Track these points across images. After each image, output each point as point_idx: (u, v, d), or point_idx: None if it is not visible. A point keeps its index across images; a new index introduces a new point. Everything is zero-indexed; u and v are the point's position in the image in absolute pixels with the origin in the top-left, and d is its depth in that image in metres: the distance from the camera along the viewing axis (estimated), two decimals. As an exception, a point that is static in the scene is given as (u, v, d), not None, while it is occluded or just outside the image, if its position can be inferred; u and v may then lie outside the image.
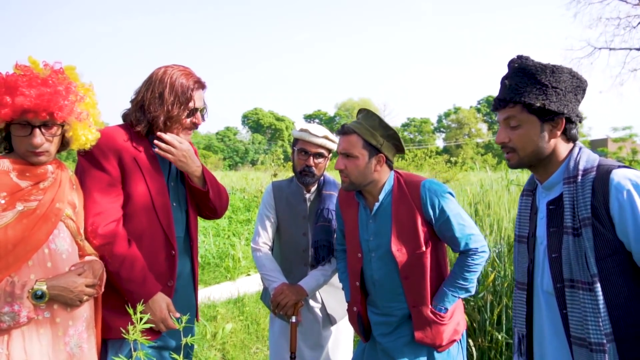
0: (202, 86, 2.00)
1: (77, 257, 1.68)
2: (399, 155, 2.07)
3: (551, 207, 1.51)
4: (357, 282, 2.09)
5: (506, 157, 1.56)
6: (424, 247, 1.94)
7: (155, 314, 1.78)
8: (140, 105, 1.89)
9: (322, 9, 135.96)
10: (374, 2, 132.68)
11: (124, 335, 1.16)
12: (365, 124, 1.95)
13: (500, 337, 3.20)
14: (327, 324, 2.44)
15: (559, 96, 1.43)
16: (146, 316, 1.19)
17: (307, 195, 2.43)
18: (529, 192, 1.65)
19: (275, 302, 2.27)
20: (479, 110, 64.74)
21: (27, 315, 1.48)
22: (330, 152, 2.39)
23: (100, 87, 1.76)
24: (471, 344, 3.19)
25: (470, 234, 1.94)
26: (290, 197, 2.43)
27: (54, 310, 1.56)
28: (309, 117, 75.61)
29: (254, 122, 70.22)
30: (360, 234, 2.07)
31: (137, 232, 1.85)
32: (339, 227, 2.25)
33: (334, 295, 2.44)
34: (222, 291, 5.58)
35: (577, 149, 1.50)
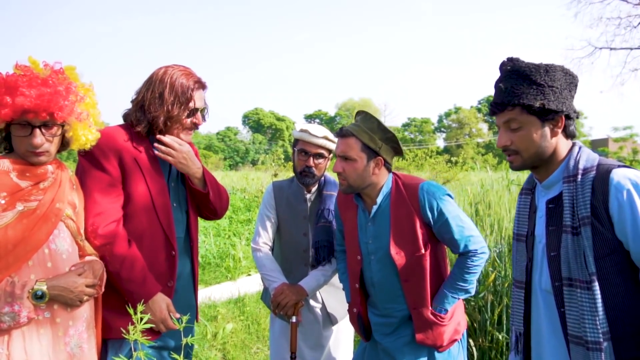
0: (202, 86, 1.99)
1: (77, 257, 1.68)
2: (397, 157, 2.07)
3: (550, 206, 1.51)
4: (357, 284, 2.09)
5: (509, 160, 1.55)
6: (423, 250, 1.93)
7: (155, 314, 1.78)
8: (140, 105, 1.89)
9: (322, 9, 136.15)
10: (374, 2, 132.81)
11: (124, 335, 1.16)
12: (363, 127, 1.94)
13: (500, 337, 3.20)
14: (328, 324, 2.44)
15: (556, 94, 1.44)
16: (146, 316, 1.19)
17: (307, 195, 2.42)
18: (528, 190, 1.65)
19: (275, 302, 2.27)
20: (479, 110, 64.65)
21: (27, 315, 1.48)
22: (330, 152, 2.38)
23: (100, 87, 1.76)
24: (472, 344, 3.19)
25: (469, 235, 1.93)
26: (290, 197, 2.43)
27: (54, 310, 1.56)
28: (309, 117, 75.63)
29: (255, 122, 70.25)
30: (359, 237, 2.06)
31: (138, 232, 1.85)
32: (338, 228, 2.25)
33: (335, 295, 2.44)
34: (223, 291, 5.58)
35: (576, 148, 1.50)
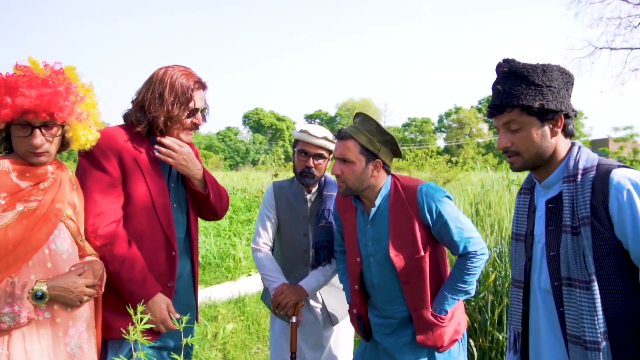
0: (202, 86, 1.99)
1: (77, 258, 1.68)
2: (396, 158, 2.06)
3: (550, 206, 1.51)
4: (356, 286, 2.09)
5: (509, 161, 1.55)
6: (422, 252, 1.93)
7: (155, 314, 1.78)
8: (140, 105, 1.89)
9: (322, 9, 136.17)
10: (374, 2, 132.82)
11: (124, 335, 1.16)
12: (362, 129, 1.93)
13: (501, 337, 3.20)
14: (328, 324, 2.44)
15: (554, 94, 1.44)
16: (146, 317, 1.19)
17: (308, 196, 2.42)
18: (527, 190, 1.65)
19: (275, 302, 2.27)
20: (479, 110, 64.64)
21: (27, 315, 1.48)
22: (330, 153, 2.36)
23: (100, 87, 1.76)
24: (472, 344, 3.19)
25: (469, 237, 1.92)
26: (291, 198, 2.43)
27: (54, 310, 1.56)
28: (309, 117, 75.64)
29: (255, 122, 70.26)
30: (358, 239, 2.06)
31: (138, 232, 1.85)
32: (338, 229, 2.24)
33: (335, 295, 2.44)
34: (223, 291, 5.58)
35: (576, 148, 1.50)
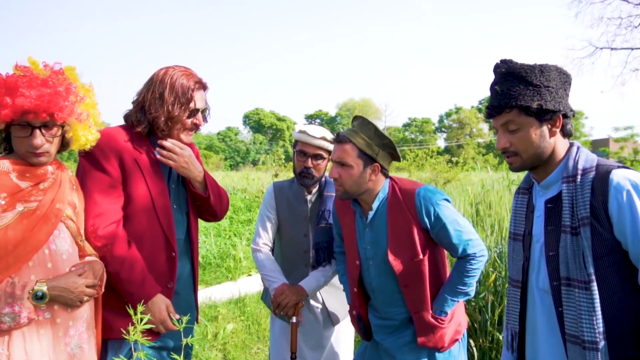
0: (203, 87, 1.98)
1: (78, 258, 1.68)
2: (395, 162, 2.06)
3: (549, 206, 1.51)
4: (355, 288, 2.09)
5: (508, 162, 1.55)
6: (421, 255, 1.92)
7: (154, 315, 1.78)
8: (141, 106, 1.89)
9: (322, 9, 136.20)
10: (374, 2, 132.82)
11: (125, 335, 1.16)
12: (360, 133, 1.92)
13: (501, 338, 3.19)
14: (328, 324, 2.43)
15: (552, 94, 1.44)
16: (146, 317, 1.19)
17: (308, 196, 2.41)
18: (525, 190, 1.65)
19: (275, 302, 2.27)
20: (480, 110, 64.62)
21: (27, 316, 1.48)
22: (329, 153, 2.35)
23: (100, 87, 1.76)
24: (472, 345, 3.19)
25: (468, 239, 1.92)
26: (291, 198, 2.43)
27: (54, 310, 1.56)
28: (310, 117, 75.66)
29: (255, 122, 70.28)
30: (357, 242, 2.05)
31: (138, 233, 1.85)
32: (337, 231, 2.24)
33: (335, 295, 2.44)
34: (223, 291, 5.58)
35: (574, 148, 1.50)
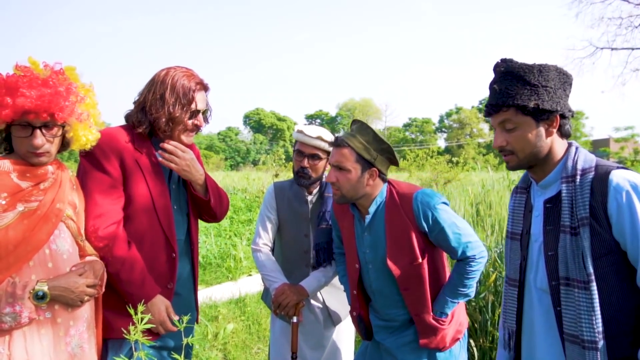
0: (204, 88, 1.98)
1: (78, 258, 1.68)
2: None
3: (548, 206, 1.52)
4: (355, 291, 2.09)
5: (505, 160, 1.56)
6: (420, 259, 1.92)
7: (153, 316, 1.79)
8: (142, 106, 1.89)
9: (322, 9, 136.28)
10: (374, 2, 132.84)
11: (125, 335, 1.16)
12: (359, 137, 1.92)
13: (501, 338, 3.19)
14: (329, 324, 2.43)
15: (550, 94, 1.44)
16: (147, 316, 1.19)
17: (309, 197, 2.41)
18: (523, 189, 1.65)
19: (276, 302, 2.27)
20: (480, 110, 64.57)
21: (28, 315, 1.48)
22: (327, 153, 2.33)
23: (100, 87, 1.77)
24: (472, 344, 3.19)
25: (467, 241, 1.91)
26: (292, 198, 2.42)
27: (55, 310, 1.56)
28: (310, 117, 75.68)
29: (256, 122, 70.31)
30: (357, 245, 2.05)
31: (138, 234, 1.85)
32: (336, 233, 2.23)
33: (336, 295, 2.44)
34: (224, 291, 5.58)
35: (573, 148, 1.51)
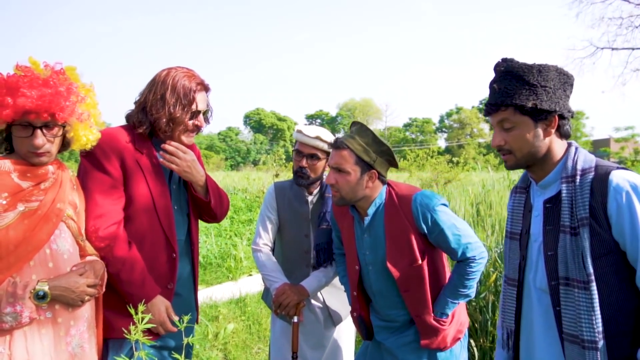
0: (205, 88, 1.98)
1: (78, 258, 1.68)
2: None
3: (548, 206, 1.52)
4: (355, 292, 2.09)
5: (503, 159, 1.56)
6: (420, 261, 1.92)
7: (154, 316, 1.79)
8: (142, 106, 1.89)
9: (322, 9, 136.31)
10: (374, 2, 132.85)
11: (126, 335, 1.17)
12: (358, 139, 1.92)
13: (502, 338, 3.19)
14: (329, 324, 2.44)
15: (549, 94, 1.44)
16: (147, 316, 1.19)
17: (309, 197, 2.41)
18: (522, 189, 1.65)
19: (277, 302, 2.27)
20: (480, 110, 64.50)
21: (29, 315, 1.48)
22: (327, 153, 2.33)
23: (100, 87, 1.76)
24: (473, 344, 3.19)
25: (467, 243, 1.91)
26: (292, 199, 2.42)
27: (55, 310, 1.56)
28: (311, 117, 75.67)
29: (256, 122, 70.30)
30: (356, 247, 2.05)
31: (139, 234, 1.85)
32: (336, 233, 2.23)
33: (336, 295, 2.44)
34: (224, 291, 5.58)
35: (573, 148, 1.51)
